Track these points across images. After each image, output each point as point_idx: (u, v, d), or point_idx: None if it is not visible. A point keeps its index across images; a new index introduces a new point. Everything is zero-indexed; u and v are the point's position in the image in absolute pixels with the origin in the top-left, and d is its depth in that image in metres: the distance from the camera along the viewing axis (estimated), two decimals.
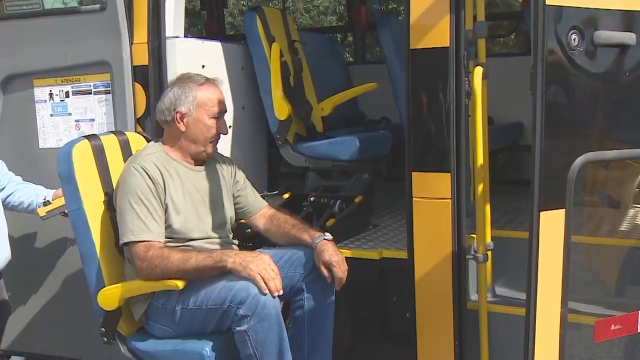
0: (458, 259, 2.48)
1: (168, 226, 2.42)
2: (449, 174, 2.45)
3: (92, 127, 3.11)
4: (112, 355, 2.52)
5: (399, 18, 4.66)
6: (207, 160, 2.60)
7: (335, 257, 2.41)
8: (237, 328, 2.23)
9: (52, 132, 3.19)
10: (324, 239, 2.47)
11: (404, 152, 2.55)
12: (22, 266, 3.15)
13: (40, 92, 3.20)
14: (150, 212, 2.37)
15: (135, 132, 2.85)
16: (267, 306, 2.20)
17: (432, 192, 2.49)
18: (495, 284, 2.75)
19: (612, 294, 2.59)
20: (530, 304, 2.16)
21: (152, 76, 2.98)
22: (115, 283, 2.45)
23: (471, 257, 2.55)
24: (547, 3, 1.99)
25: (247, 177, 2.76)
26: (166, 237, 2.41)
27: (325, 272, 2.41)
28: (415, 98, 2.47)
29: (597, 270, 2.62)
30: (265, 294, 2.20)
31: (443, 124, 2.42)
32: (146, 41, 2.98)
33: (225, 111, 2.58)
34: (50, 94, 3.18)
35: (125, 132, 2.72)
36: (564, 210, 2.06)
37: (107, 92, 3.07)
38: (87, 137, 2.56)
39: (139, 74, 3.00)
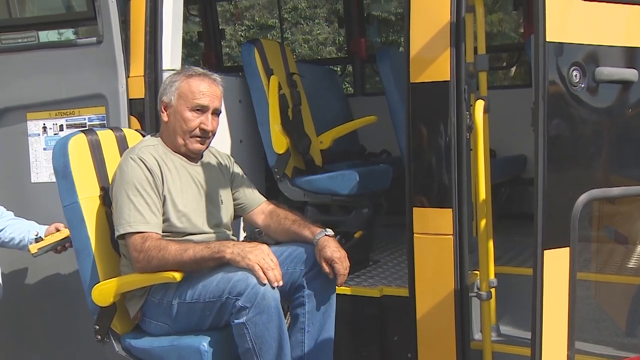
0: (461, 297, 2.47)
1: (165, 219, 2.41)
2: (451, 209, 2.45)
3: None
4: (105, 355, 2.49)
5: (400, 49, 4.72)
6: (204, 155, 2.59)
7: (337, 253, 2.40)
8: (236, 320, 2.21)
9: (45, 166, 3.20)
10: (326, 235, 2.46)
11: (405, 185, 2.56)
12: (12, 306, 3.14)
13: (34, 126, 3.22)
14: (147, 204, 2.35)
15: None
16: (267, 297, 2.18)
17: (433, 228, 2.49)
18: (499, 323, 2.74)
19: (621, 334, 2.57)
20: (535, 344, 2.15)
21: (148, 109, 3.01)
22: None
23: (474, 294, 2.55)
24: (547, 39, 2.02)
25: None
26: (163, 232, 2.40)
27: (326, 268, 2.39)
28: (416, 133, 2.48)
29: (605, 308, 2.60)
30: (265, 284, 2.17)
31: (444, 158, 2.43)
32: (143, 74, 3.02)
33: (215, 109, 2.51)
34: (44, 128, 3.20)
35: (122, 129, 2.74)
36: (568, 248, 2.06)
37: (102, 126, 3.10)
38: (84, 131, 2.58)
39: (135, 106, 3.04)
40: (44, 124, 3.20)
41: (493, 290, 2.54)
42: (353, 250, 3.23)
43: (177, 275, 2.25)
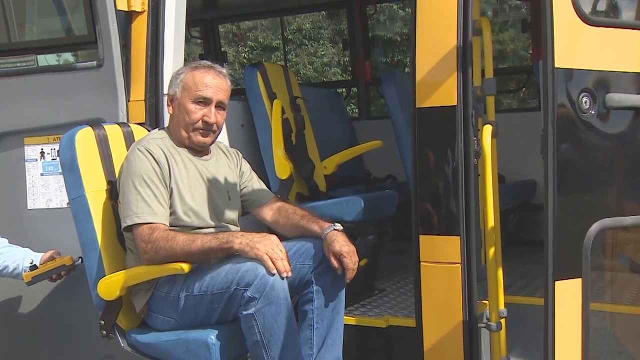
0: (469, 328, 2.45)
1: (172, 212, 2.44)
2: (458, 237, 2.44)
3: None
4: (110, 351, 2.50)
5: (405, 70, 4.74)
6: (212, 150, 2.63)
7: (346, 247, 2.41)
8: (244, 312, 2.22)
9: (42, 192, 3.20)
10: (334, 229, 2.47)
11: (411, 211, 2.55)
12: (4, 336, 3.12)
13: (31, 151, 3.23)
14: (155, 195, 2.38)
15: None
16: (276, 288, 2.19)
17: (440, 256, 2.48)
18: (510, 355, 2.70)
19: None
20: None
21: None
22: None
23: (483, 325, 2.52)
24: (556, 66, 2.02)
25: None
26: (170, 226, 2.41)
27: (335, 262, 2.40)
28: (422, 159, 2.48)
29: (622, 340, 2.57)
30: (274, 274, 2.19)
31: (451, 185, 2.43)
32: (143, 98, 3.03)
33: (219, 101, 2.53)
34: (42, 153, 3.21)
35: (129, 124, 2.78)
36: (580, 279, 2.04)
37: None
38: (91, 125, 2.61)
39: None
40: (42, 149, 3.20)
41: (503, 320, 2.51)
42: (358, 278, 3.22)
43: (185, 267, 2.27)
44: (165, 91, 3.05)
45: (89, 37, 3.03)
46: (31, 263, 2.90)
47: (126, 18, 3.08)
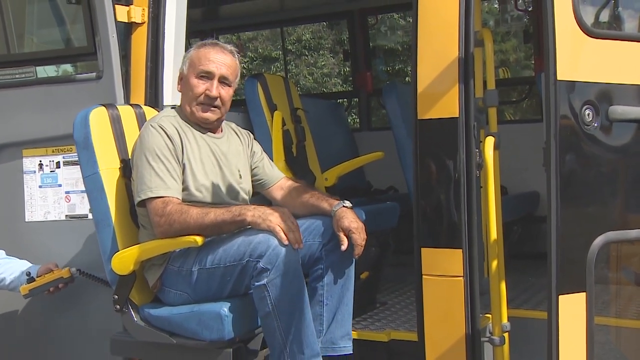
0: (472, 342, 2.44)
1: (185, 188, 2.49)
2: (461, 249, 2.44)
3: (83, 199, 3.13)
4: (124, 325, 2.56)
5: (406, 79, 4.75)
6: (224, 129, 2.68)
7: (354, 223, 2.46)
8: (257, 283, 2.27)
9: (40, 204, 3.21)
10: (344, 206, 2.51)
11: (413, 223, 2.55)
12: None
13: (30, 163, 3.24)
14: (168, 170, 2.44)
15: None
16: (288, 259, 2.25)
17: (443, 269, 2.47)
18: None
19: None
20: None
21: None
22: None
23: (486, 339, 2.51)
24: (558, 78, 2.03)
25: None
26: (183, 201, 2.46)
27: (343, 238, 2.43)
28: (424, 171, 2.49)
29: (627, 355, 2.56)
30: (286, 245, 2.25)
31: (453, 197, 2.43)
32: None
33: (221, 76, 2.57)
34: (40, 165, 3.22)
35: (141, 106, 2.85)
36: (584, 294, 2.04)
37: None
38: (104, 105, 2.68)
39: None
40: (40, 161, 3.21)
41: (506, 334, 2.51)
42: (359, 291, 3.22)
43: (199, 239, 2.32)
44: (165, 103, 3.08)
45: (88, 48, 3.04)
46: (28, 275, 2.90)
47: (126, 29, 3.10)
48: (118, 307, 2.52)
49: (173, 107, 2.73)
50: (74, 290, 2.96)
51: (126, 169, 2.60)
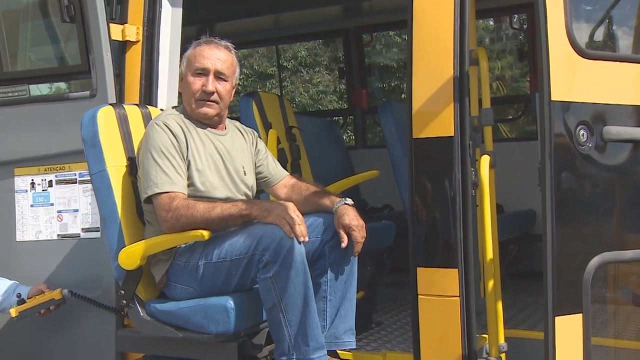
0: None
1: (190, 184, 2.52)
2: (457, 269, 2.44)
3: (76, 218, 3.13)
4: (130, 320, 2.59)
5: (402, 96, 4.78)
6: (228, 127, 2.72)
7: (355, 221, 2.49)
8: (262, 275, 2.31)
9: (32, 223, 3.20)
10: (345, 204, 2.55)
11: (408, 242, 2.55)
12: None
13: (21, 182, 3.23)
14: (173, 166, 2.48)
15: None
16: (294, 252, 2.28)
17: (438, 289, 2.47)
18: None
19: None
20: None
21: None
22: None
23: None
24: (552, 99, 2.04)
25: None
26: (188, 197, 2.48)
27: (343, 235, 2.46)
28: (419, 190, 2.49)
29: None
30: (292, 238, 2.28)
31: (449, 216, 2.44)
32: None
33: (217, 71, 2.58)
34: (32, 184, 3.21)
35: (147, 106, 2.90)
36: (581, 315, 2.04)
37: None
38: (112, 104, 2.75)
39: None
40: (32, 180, 3.20)
41: (503, 355, 2.50)
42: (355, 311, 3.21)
43: (206, 233, 2.35)
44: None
45: (82, 66, 3.05)
46: (19, 297, 2.88)
47: (120, 48, 3.11)
48: (124, 302, 2.55)
49: (176, 106, 2.77)
50: (65, 311, 2.94)
51: (133, 166, 2.65)
